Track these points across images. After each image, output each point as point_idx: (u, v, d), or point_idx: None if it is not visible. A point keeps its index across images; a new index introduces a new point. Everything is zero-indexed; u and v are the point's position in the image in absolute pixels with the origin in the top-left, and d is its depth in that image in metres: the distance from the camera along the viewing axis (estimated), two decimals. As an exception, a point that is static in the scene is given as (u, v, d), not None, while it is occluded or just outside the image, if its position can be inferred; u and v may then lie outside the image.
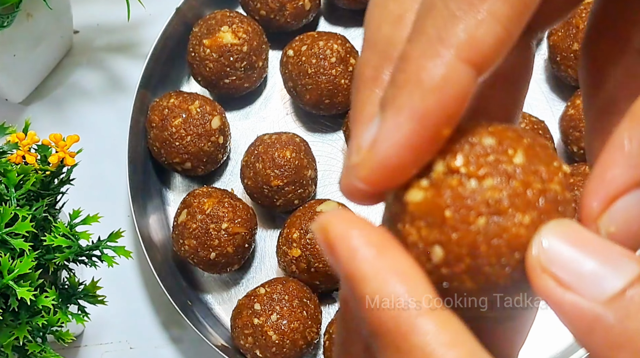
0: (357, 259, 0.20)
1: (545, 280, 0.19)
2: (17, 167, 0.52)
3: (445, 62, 0.19)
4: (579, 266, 0.19)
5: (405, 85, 0.19)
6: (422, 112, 0.19)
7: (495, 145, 0.20)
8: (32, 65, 0.76)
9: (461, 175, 0.20)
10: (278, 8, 0.74)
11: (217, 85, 0.73)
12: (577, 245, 0.19)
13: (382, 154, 0.20)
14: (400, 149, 0.20)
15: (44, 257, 0.52)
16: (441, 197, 0.20)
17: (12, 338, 0.50)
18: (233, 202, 0.67)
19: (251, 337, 0.64)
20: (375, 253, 0.19)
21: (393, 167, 0.20)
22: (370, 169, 0.20)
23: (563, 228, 0.19)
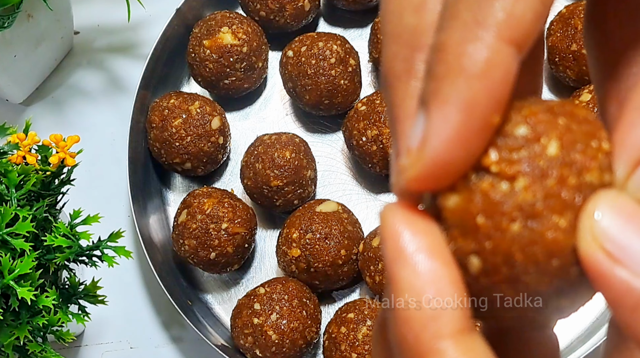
0: (399, 264, 0.19)
1: (596, 252, 0.18)
2: (18, 168, 0.52)
3: (488, 45, 0.18)
4: (632, 241, 0.18)
5: (447, 75, 0.18)
6: (471, 101, 0.18)
7: (528, 134, 0.19)
8: (33, 66, 0.76)
9: (492, 176, 0.19)
10: (278, 9, 0.74)
11: (217, 86, 0.73)
12: (630, 219, 0.18)
13: (434, 152, 0.19)
14: (452, 144, 0.19)
15: (45, 257, 0.52)
16: (472, 203, 0.19)
17: (13, 338, 0.50)
18: (233, 202, 0.67)
19: (251, 336, 0.64)
20: (418, 262, 0.19)
21: (447, 165, 0.19)
22: (424, 169, 0.19)
23: (616, 201, 0.18)
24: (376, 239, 0.65)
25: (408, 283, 0.19)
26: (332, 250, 0.65)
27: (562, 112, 0.19)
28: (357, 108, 0.70)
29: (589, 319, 0.69)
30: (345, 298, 0.71)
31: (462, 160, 0.19)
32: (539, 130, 0.19)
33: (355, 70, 0.72)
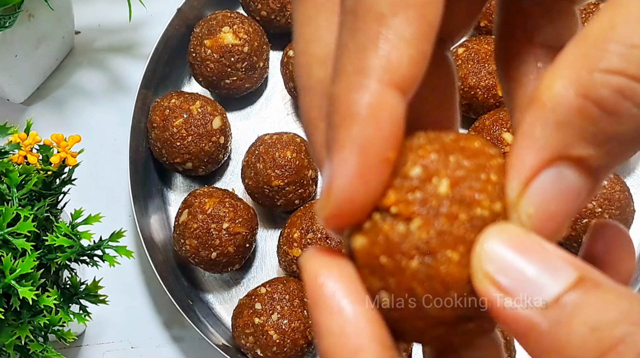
0: (318, 310, 0.20)
1: (485, 285, 0.19)
2: (19, 167, 0.52)
3: (371, 91, 0.20)
4: (518, 272, 0.19)
5: (342, 123, 0.20)
6: (363, 143, 0.20)
7: (421, 174, 0.21)
8: (34, 66, 0.76)
9: (392, 217, 0.20)
10: (279, 9, 0.74)
11: (218, 86, 0.73)
12: (517, 249, 0.19)
13: (338, 192, 0.20)
14: (353, 184, 0.20)
15: (46, 256, 0.52)
16: (376, 244, 0.21)
17: (14, 338, 0.50)
18: (234, 202, 0.67)
19: (252, 336, 0.64)
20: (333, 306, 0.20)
21: (351, 203, 0.20)
22: (333, 209, 0.21)
23: (504, 233, 0.20)
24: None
25: (326, 327, 0.20)
26: (333, 250, 0.65)
27: (455, 149, 0.21)
28: (358, 108, 0.70)
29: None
30: (346, 298, 0.71)
31: (365, 197, 0.20)
32: (431, 170, 0.21)
33: (356, 70, 0.72)
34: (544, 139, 0.20)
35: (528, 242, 0.20)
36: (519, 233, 0.20)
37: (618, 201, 0.66)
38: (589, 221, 0.66)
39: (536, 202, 0.20)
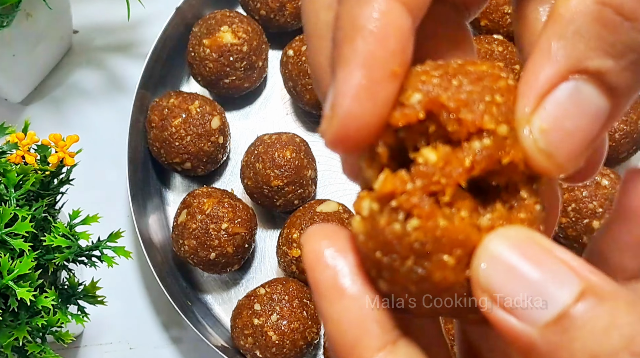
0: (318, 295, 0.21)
1: (484, 301, 0.19)
2: (17, 167, 0.52)
3: (377, 4, 0.19)
4: (521, 283, 0.18)
5: (346, 38, 0.20)
6: (368, 55, 0.19)
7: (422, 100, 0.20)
8: (32, 65, 0.76)
9: (390, 211, 0.20)
10: (278, 8, 0.74)
11: (217, 85, 0.73)
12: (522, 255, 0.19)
13: (343, 110, 0.19)
14: (359, 99, 0.19)
15: (44, 257, 0.52)
16: (372, 238, 0.20)
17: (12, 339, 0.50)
18: (233, 202, 0.67)
19: (251, 337, 0.64)
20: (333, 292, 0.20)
21: (357, 121, 0.20)
22: (339, 129, 0.20)
23: (509, 236, 0.19)
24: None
25: (328, 313, 0.20)
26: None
27: (459, 72, 0.20)
28: (358, 107, 0.70)
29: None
30: (346, 298, 0.71)
31: (371, 115, 0.20)
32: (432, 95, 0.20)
33: (355, 69, 0.72)
34: (561, 51, 0.19)
35: (533, 247, 0.19)
36: (524, 236, 0.19)
37: (619, 201, 0.66)
38: (590, 221, 0.66)
39: (550, 117, 0.19)
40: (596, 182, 0.66)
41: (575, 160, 0.19)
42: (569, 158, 0.19)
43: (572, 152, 0.19)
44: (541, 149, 0.19)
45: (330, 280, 0.20)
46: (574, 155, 0.19)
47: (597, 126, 0.19)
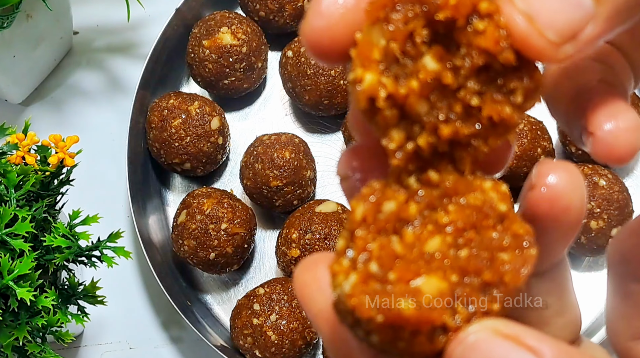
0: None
1: None
2: (17, 168, 0.52)
3: None
4: None
5: None
6: None
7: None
8: (32, 66, 0.76)
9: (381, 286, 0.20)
10: (277, 9, 0.74)
11: (217, 86, 0.73)
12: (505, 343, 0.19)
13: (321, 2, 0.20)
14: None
15: (44, 257, 0.52)
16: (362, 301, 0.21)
17: (12, 339, 0.50)
18: (232, 202, 0.67)
19: (250, 337, 0.64)
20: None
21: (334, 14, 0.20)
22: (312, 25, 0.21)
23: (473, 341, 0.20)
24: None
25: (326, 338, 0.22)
26: (331, 251, 0.65)
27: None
28: (357, 108, 0.70)
29: (589, 320, 0.69)
30: (345, 298, 0.71)
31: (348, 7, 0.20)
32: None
33: (354, 70, 0.72)
34: None
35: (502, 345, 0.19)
36: (491, 335, 0.20)
37: (617, 201, 0.66)
38: (587, 222, 0.66)
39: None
40: (594, 183, 0.67)
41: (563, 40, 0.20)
42: (559, 35, 0.20)
43: (560, 31, 0.20)
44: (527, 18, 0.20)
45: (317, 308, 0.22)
46: (562, 34, 0.20)
47: (584, 19, 0.20)
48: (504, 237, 0.21)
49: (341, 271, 0.21)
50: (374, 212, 0.21)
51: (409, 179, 0.22)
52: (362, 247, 0.21)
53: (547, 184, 0.21)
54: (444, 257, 0.21)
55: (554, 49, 0.20)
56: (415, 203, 0.21)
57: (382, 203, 0.21)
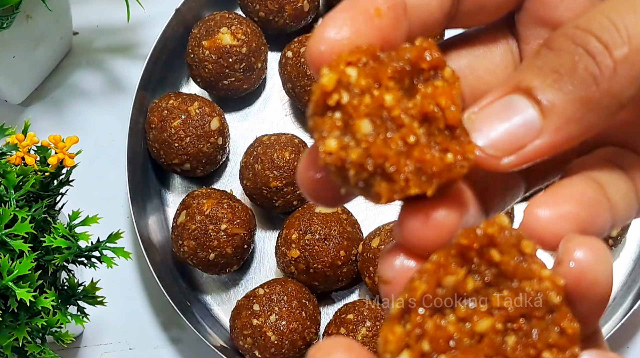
0: None
1: None
2: (17, 168, 0.52)
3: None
4: None
5: None
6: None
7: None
8: (32, 67, 0.76)
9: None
10: (277, 9, 0.74)
11: (216, 87, 0.73)
12: None
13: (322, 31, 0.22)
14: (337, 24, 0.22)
15: (44, 258, 0.52)
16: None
17: (12, 339, 0.50)
18: (232, 203, 0.67)
19: (250, 337, 0.64)
20: None
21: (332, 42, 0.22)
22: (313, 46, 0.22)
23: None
24: (375, 240, 0.65)
25: None
26: (331, 251, 0.65)
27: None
28: (357, 109, 0.70)
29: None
30: (345, 299, 0.71)
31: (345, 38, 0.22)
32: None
33: (354, 70, 0.72)
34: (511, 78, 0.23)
35: None
36: None
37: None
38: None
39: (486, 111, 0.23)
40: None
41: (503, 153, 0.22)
42: (496, 149, 0.22)
43: (496, 146, 0.22)
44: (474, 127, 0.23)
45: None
46: (500, 148, 0.22)
47: (529, 133, 0.22)
48: (550, 332, 0.21)
49: (394, 340, 0.21)
50: (434, 286, 0.22)
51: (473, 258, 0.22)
52: (417, 323, 0.21)
53: (575, 259, 0.21)
54: (492, 342, 0.21)
55: (494, 161, 0.22)
56: (473, 280, 0.22)
57: (443, 278, 0.22)
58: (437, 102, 0.22)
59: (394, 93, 0.22)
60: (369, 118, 0.21)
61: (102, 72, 0.81)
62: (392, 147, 0.21)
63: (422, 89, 0.22)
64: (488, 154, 0.22)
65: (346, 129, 0.22)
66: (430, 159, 0.22)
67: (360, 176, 0.22)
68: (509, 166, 0.22)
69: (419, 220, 0.22)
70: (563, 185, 0.23)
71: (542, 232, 0.22)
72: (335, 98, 0.21)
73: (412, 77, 0.22)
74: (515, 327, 0.21)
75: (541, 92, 0.22)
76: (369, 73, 0.22)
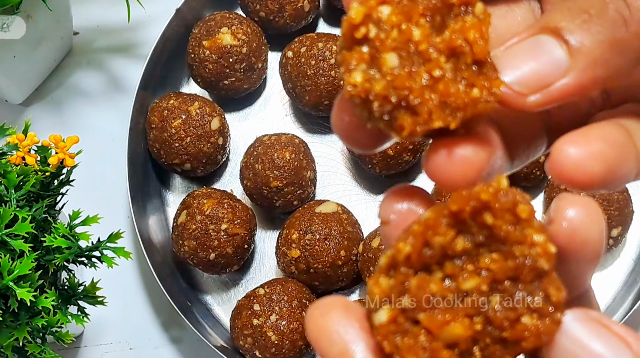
0: None
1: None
2: (17, 168, 0.52)
3: None
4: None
5: None
6: None
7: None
8: (32, 67, 0.76)
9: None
10: (277, 9, 0.74)
11: (217, 87, 0.73)
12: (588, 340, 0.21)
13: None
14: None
15: (44, 258, 0.52)
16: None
17: (12, 339, 0.50)
18: (232, 203, 0.67)
19: (250, 337, 0.64)
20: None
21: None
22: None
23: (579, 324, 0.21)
24: (376, 240, 0.65)
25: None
26: (331, 251, 0.65)
27: None
28: (357, 109, 0.70)
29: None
30: (345, 299, 0.71)
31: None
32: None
33: (355, 70, 0.72)
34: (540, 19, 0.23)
35: (600, 329, 0.21)
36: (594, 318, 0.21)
37: (617, 202, 0.66)
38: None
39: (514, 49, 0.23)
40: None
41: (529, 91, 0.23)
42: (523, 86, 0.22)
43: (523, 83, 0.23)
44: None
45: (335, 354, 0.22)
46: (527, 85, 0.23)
47: (556, 72, 0.22)
48: (535, 297, 0.21)
49: (377, 292, 0.22)
50: (419, 248, 0.22)
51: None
52: (400, 280, 0.22)
53: (566, 218, 0.22)
54: (474, 303, 0.21)
55: (521, 98, 0.22)
56: (463, 241, 0.22)
57: (431, 239, 0.22)
58: (466, 36, 0.22)
59: (423, 29, 0.22)
60: (396, 52, 0.22)
61: (103, 72, 0.81)
62: (417, 80, 0.22)
63: (452, 24, 0.22)
64: (515, 90, 0.22)
65: (373, 63, 0.22)
66: (455, 93, 0.22)
67: (384, 108, 0.22)
68: (535, 104, 0.22)
69: (444, 155, 0.22)
70: (592, 127, 0.23)
71: (571, 169, 0.22)
72: (363, 31, 0.22)
73: (444, 15, 0.22)
74: (500, 289, 0.21)
75: (569, 33, 0.22)
76: (401, 10, 0.22)
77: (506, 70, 0.22)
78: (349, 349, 0.22)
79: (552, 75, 0.22)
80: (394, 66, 0.21)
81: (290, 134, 0.71)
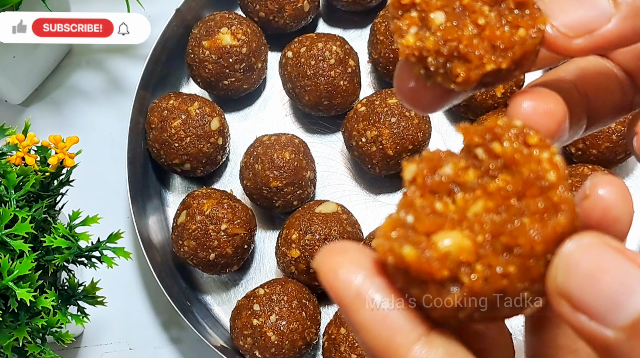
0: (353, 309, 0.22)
1: (561, 304, 0.20)
2: (17, 168, 0.52)
3: None
4: (595, 289, 0.19)
5: None
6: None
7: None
8: (32, 67, 0.76)
9: None
10: (277, 10, 0.74)
11: (216, 87, 0.73)
12: (595, 263, 0.20)
13: None
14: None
15: (44, 258, 0.52)
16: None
17: (12, 339, 0.50)
18: (232, 203, 0.67)
19: (250, 337, 0.64)
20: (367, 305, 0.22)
21: None
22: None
23: (584, 244, 0.20)
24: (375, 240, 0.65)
25: (357, 322, 0.22)
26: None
27: None
28: (357, 109, 0.70)
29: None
30: (345, 299, 0.71)
31: None
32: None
33: (354, 71, 0.72)
34: None
35: (606, 255, 0.20)
36: (598, 245, 0.20)
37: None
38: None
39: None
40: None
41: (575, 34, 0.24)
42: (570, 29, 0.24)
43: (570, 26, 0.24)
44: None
45: (353, 291, 0.22)
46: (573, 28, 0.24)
47: (600, 19, 0.24)
48: (539, 203, 0.22)
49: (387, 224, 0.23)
50: (429, 173, 0.23)
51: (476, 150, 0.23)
52: (409, 203, 0.23)
53: (601, 196, 0.23)
54: (479, 219, 0.22)
55: (566, 40, 0.24)
56: (474, 171, 0.23)
57: (440, 167, 0.23)
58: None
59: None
60: (442, 10, 0.23)
61: (102, 72, 0.81)
62: (465, 31, 0.23)
63: None
64: (562, 32, 0.24)
65: (422, 24, 0.23)
66: (501, 35, 0.23)
67: (439, 62, 0.23)
68: (578, 48, 0.24)
69: (530, 106, 0.24)
70: None
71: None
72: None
73: None
74: (506, 207, 0.22)
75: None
76: None
77: (554, 14, 0.24)
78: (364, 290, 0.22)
79: (597, 21, 0.24)
80: (441, 22, 0.23)
81: (290, 134, 0.71)
